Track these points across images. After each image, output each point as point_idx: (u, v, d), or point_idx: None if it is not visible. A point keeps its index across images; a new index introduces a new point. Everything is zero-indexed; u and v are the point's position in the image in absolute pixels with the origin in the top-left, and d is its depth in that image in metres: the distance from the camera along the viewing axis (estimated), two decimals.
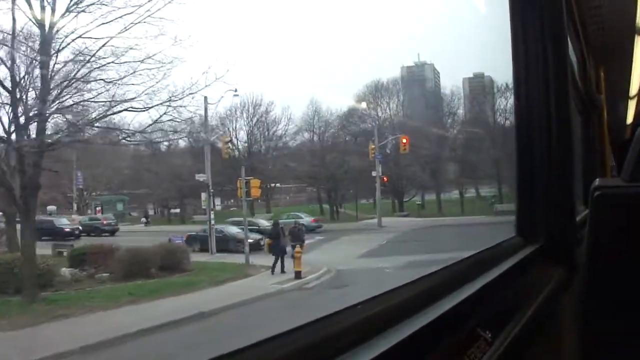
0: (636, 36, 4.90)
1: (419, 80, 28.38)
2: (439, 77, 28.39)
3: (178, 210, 23.05)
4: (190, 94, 13.62)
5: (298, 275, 13.79)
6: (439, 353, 1.30)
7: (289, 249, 15.25)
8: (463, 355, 1.36)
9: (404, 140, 23.11)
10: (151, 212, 24.17)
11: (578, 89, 4.02)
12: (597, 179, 2.29)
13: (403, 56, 26.81)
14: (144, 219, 21.22)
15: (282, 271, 14.49)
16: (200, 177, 18.30)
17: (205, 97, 17.66)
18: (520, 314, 1.78)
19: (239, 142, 26.15)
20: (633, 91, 6.80)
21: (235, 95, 17.63)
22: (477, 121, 26.42)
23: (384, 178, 22.43)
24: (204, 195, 19.04)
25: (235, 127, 26.17)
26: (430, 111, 27.08)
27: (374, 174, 22.11)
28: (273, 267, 14.50)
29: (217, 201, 25.19)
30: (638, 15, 4.44)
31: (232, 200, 25.63)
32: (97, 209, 21.39)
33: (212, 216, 17.40)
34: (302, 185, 28.75)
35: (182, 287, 11.54)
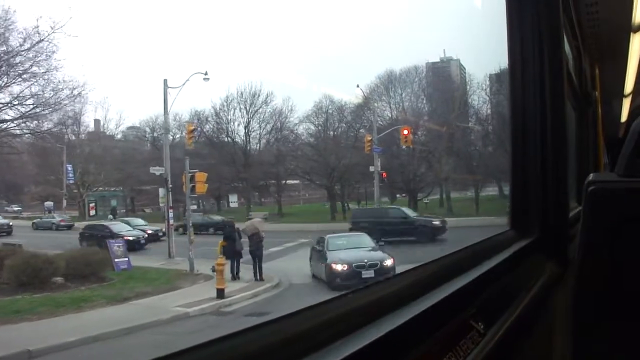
0: (632, 33, 4.90)
1: (443, 77, 27.72)
2: (464, 72, 27.75)
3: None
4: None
5: (220, 293, 11.32)
6: (430, 343, 1.30)
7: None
8: (455, 346, 1.36)
9: (405, 132, 21.87)
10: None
11: (573, 84, 4.03)
12: (591, 174, 2.30)
13: (427, 51, 26.20)
14: (110, 216, 20.63)
15: (236, 277, 13.05)
16: (155, 170, 15.58)
17: (165, 80, 15.33)
18: (513, 307, 1.79)
19: (236, 135, 25.07)
20: (628, 89, 6.79)
21: (205, 78, 15.85)
22: (500, 116, 25.91)
23: (383, 174, 21.41)
24: (161, 191, 16.29)
25: (230, 119, 25.05)
26: (450, 106, 26.33)
27: (371, 169, 21.01)
28: (233, 272, 13.21)
29: (234, 198, 23.82)
30: (634, 12, 4.44)
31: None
32: (91, 205, 21.03)
33: (171, 214, 15.24)
34: (300, 182, 28.05)
35: (65, 306, 9.54)
